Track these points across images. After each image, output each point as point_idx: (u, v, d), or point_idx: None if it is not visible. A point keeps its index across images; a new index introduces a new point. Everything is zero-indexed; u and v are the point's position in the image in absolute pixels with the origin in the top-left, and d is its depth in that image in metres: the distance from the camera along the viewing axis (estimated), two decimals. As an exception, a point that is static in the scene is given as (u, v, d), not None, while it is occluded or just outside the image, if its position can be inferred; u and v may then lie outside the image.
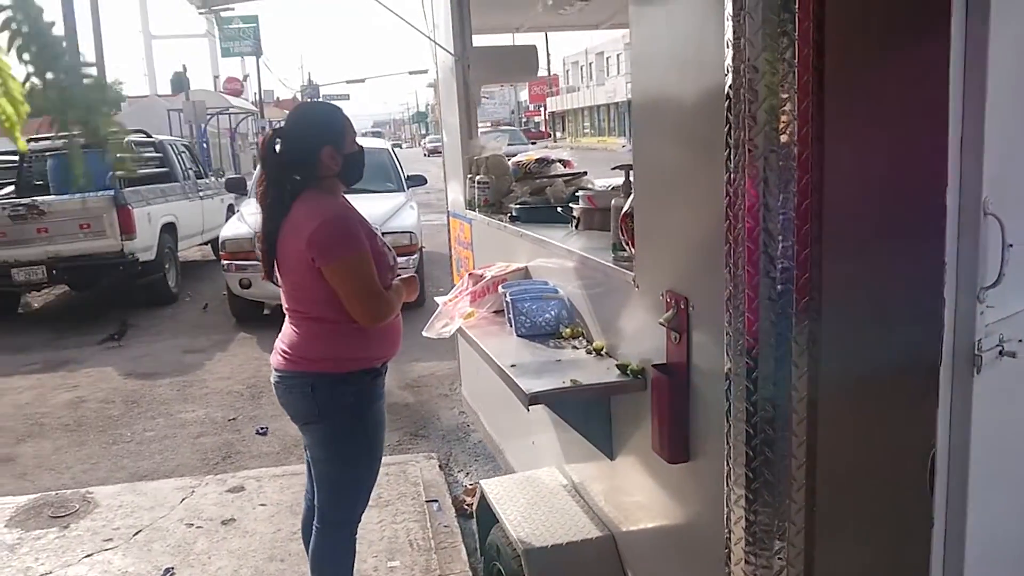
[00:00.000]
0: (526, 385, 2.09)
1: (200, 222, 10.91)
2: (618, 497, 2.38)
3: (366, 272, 2.43)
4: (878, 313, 1.51)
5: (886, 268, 1.48)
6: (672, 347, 1.87)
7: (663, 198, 1.93)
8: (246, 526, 3.82)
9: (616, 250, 2.28)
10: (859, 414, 1.56)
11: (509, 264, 3.08)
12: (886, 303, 1.48)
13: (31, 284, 8.66)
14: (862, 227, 1.52)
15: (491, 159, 3.89)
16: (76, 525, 3.92)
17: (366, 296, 2.44)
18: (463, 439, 4.94)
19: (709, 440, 1.78)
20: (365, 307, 2.45)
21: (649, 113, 2.01)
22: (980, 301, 1.24)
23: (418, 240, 8.05)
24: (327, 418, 2.56)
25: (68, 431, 5.43)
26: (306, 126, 2.58)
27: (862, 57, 1.48)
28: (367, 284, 2.43)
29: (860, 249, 1.52)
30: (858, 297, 1.53)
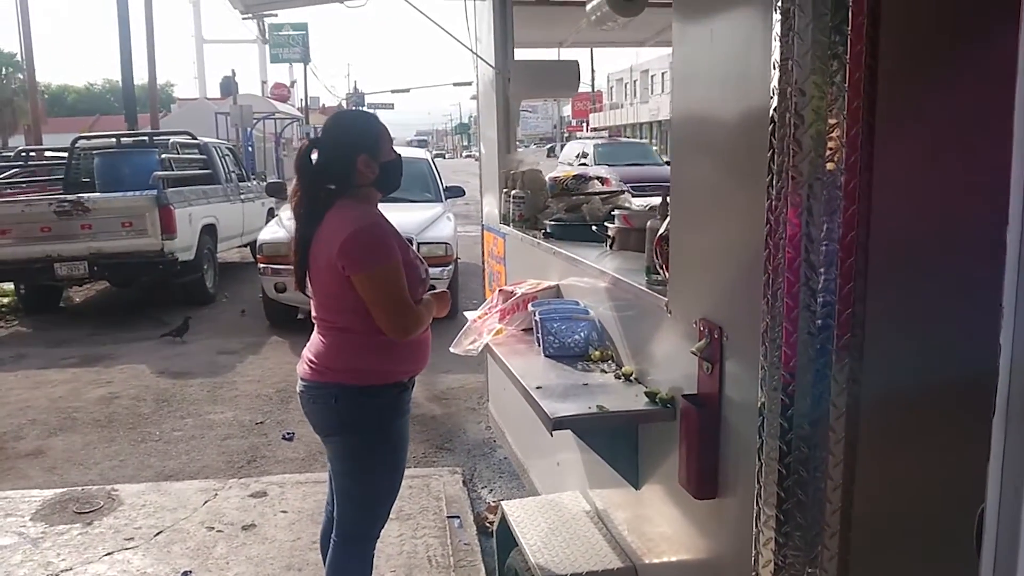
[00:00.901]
0: (551, 409, 2.02)
1: (240, 224, 11.03)
2: (642, 528, 2.30)
3: (397, 284, 2.40)
4: (925, 354, 1.43)
5: (936, 307, 1.39)
6: (704, 377, 1.80)
7: (700, 222, 1.86)
8: (266, 532, 3.80)
9: (650, 273, 2.21)
10: (901, 460, 1.47)
11: (540, 282, 3.03)
12: (934, 344, 1.40)
13: (73, 279, 8.80)
14: (911, 262, 1.43)
15: (528, 173, 3.85)
16: (99, 522, 3.94)
17: (395, 308, 2.40)
18: (488, 455, 4.88)
19: (739, 477, 1.70)
20: (393, 319, 2.41)
21: (689, 134, 1.94)
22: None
23: (454, 251, 8.04)
24: (349, 431, 2.53)
25: (99, 427, 5.47)
26: (342, 134, 2.56)
27: (918, 84, 1.40)
28: (397, 296, 2.40)
29: (908, 285, 1.44)
30: (904, 336, 1.45)
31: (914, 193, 1.43)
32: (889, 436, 1.48)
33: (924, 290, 1.44)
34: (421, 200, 8.99)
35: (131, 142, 10.60)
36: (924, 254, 1.44)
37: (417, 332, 2.48)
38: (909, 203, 1.43)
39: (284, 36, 38.40)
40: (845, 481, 1.49)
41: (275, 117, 30.83)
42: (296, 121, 33.71)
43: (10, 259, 8.51)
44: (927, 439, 1.47)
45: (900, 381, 1.47)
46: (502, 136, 4.03)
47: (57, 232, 8.46)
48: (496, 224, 4.09)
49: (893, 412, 1.47)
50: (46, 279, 8.71)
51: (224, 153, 11.38)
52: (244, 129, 24.81)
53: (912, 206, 1.44)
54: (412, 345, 2.54)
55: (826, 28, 1.40)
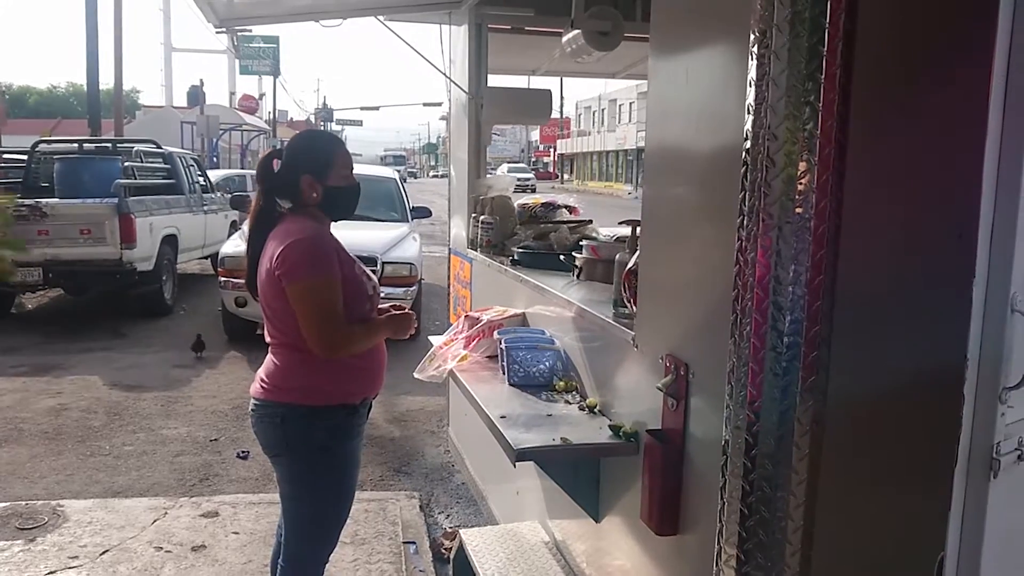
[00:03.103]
0: (515, 439, 2.01)
1: (202, 236, 10.87)
2: (601, 561, 2.29)
3: (327, 298, 2.34)
4: (890, 401, 1.45)
5: (901, 354, 1.42)
6: (668, 413, 1.80)
7: (670, 258, 1.88)
8: (216, 554, 3.71)
9: (617, 306, 2.22)
10: (863, 505, 1.49)
11: (506, 309, 3.03)
12: (899, 391, 1.42)
13: (26, 285, 8.60)
14: (876, 308, 1.46)
15: (497, 199, 3.86)
16: (43, 539, 3.81)
17: (321, 322, 2.34)
18: (446, 479, 4.83)
19: (701, 515, 1.70)
20: (318, 333, 2.34)
21: (661, 170, 1.96)
22: (1002, 402, 1.18)
23: (418, 272, 8.01)
24: (295, 452, 2.48)
25: (47, 439, 5.32)
26: (296, 150, 2.54)
27: (887, 133, 1.43)
28: (325, 310, 2.33)
29: (873, 331, 1.46)
30: (869, 381, 1.47)
31: (882, 239, 1.46)
32: (853, 481, 1.50)
33: (890, 336, 1.46)
34: (387, 219, 8.96)
35: (93, 148, 10.41)
36: (890, 300, 1.47)
37: (347, 351, 2.42)
38: (877, 249, 1.46)
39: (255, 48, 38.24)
40: (806, 523, 1.50)
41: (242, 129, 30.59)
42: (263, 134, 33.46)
43: (-39, 262, 8.29)
44: (889, 485, 1.49)
45: (865, 427, 1.49)
46: (473, 160, 4.04)
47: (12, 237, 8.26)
48: (464, 248, 4.09)
49: (858, 457, 1.49)
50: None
51: (188, 163, 11.24)
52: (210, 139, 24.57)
53: (880, 252, 1.46)
54: (363, 366, 2.50)
55: (800, 75, 1.43)
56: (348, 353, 2.42)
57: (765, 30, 1.44)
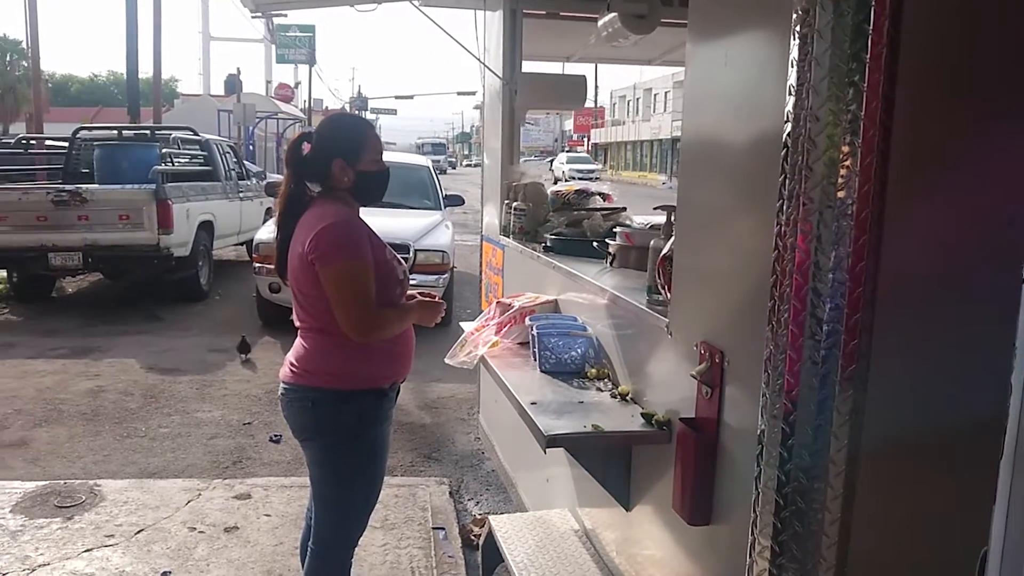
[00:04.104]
0: (545, 426, 2.00)
1: (237, 223, 10.99)
2: (631, 550, 2.27)
3: (361, 282, 2.34)
4: (932, 389, 1.41)
5: (944, 342, 1.37)
6: (703, 402, 1.77)
7: (706, 244, 1.84)
8: (248, 536, 3.76)
9: (651, 293, 2.19)
10: (902, 496, 1.45)
11: (538, 296, 3.01)
12: (941, 380, 1.38)
13: (67, 269, 8.75)
14: (920, 295, 1.42)
15: (530, 186, 3.83)
16: (80, 517, 3.88)
17: (354, 306, 2.34)
18: (476, 467, 4.84)
19: (734, 505, 1.67)
20: (351, 317, 2.34)
21: (699, 155, 1.93)
22: (1049, 391, 1.14)
23: (450, 260, 8.02)
24: (325, 436, 2.49)
25: (85, 420, 5.42)
26: (326, 133, 2.54)
27: (935, 115, 1.39)
28: (359, 294, 2.34)
29: (916, 319, 1.42)
30: (910, 370, 1.43)
31: (928, 225, 1.41)
32: (891, 471, 1.46)
33: (933, 324, 1.42)
34: (420, 207, 8.98)
35: (132, 135, 10.55)
36: (934, 288, 1.42)
37: (379, 335, 2.42)
38: (921, 235, 1.42)
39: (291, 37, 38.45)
40: (843, 515, 1.47)
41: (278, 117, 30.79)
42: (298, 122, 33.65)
43: (4, 247, 8.46)
44: (930, 476, 1.45)
45: (904, 415, 1.45)
46: (506, 148, 4.02)
47: (53, 222, 8.41)
48: (496, 235, 4.07)
49: (896, 447, 1.45)
50: (39, 268, 8.65)
51: (225, 151, 11.35)
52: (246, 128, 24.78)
53: (924, 238, 1.42)
54: (392, 350, 2.50)
55: (844, 55, 1.38)
56: (380, 337, 2.42)
57: (808, 8, 1.40)
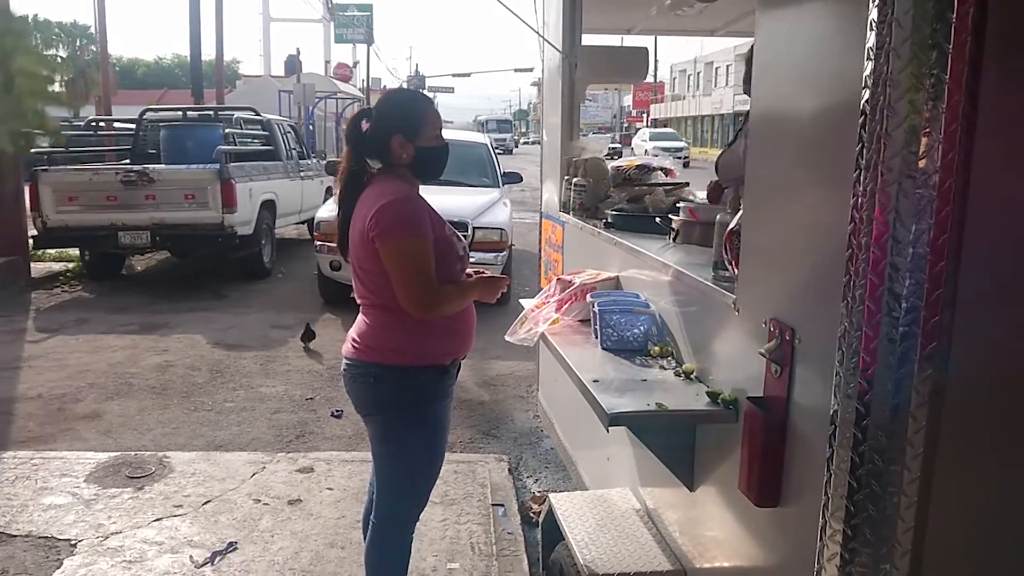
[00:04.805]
0: (608, 404, 1.96)
1: (299, 201, 11.14)
2: (695, 531, 2.23)
3: (421, 258, 2.34)
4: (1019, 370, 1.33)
5: (1034, 320, 1.30)
6: (771, 380, 1.72)
7: (776, 217, 1.77)
8: (311, 508, 3.82)
9: (717, 269, 2.13)
10: (983, 480, 1.38)
11: (600, 272, 2.96)
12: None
13: (135, 248, 9.00)
14: (1006, 270, 1.34)
15: (590, 162, 3.77)
16: (150, 488, 4.00)
17: (415, 282, 2.34)
18: (535, 444, 4.84)
19: (804, 487, 1.62)
20: (412, 294, 2.35)
21: (769, 124, 1.85)
22: None
23: (508, 237, 8.00)
24: (387, 411, 2.51)
25: (154, 393, 5.58)
26: (385, 110, 2.53)
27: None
28: (419, 270, 2.34)
29: (1001, 295, 1.34)
30: (994, 348, 1.36)
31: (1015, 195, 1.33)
32: (972, 454, 1.39)
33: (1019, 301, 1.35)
34: (478, 185, 8.97)
35: (196, 116, 10.77)
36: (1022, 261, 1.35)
37: (439, 311, 2.42)
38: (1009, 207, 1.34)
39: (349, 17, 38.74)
40: (921, 499, 1.41)
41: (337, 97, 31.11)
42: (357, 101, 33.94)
43: (76, 226, 8.74)
44: (1014, 460, 1.38)
45: (987, 396, 1.38)
46: (566, 123, 3.96)
47: (122, 201, 8.65)
48: (555, 212, 4.03)
49: (978, 428, 1.38)
50: (110, 247, 8.92)
51: (286, 130, 11.50)
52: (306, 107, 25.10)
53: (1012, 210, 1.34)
54: (454, 327, 2.50)
55: (928, 15, 1.31)
56: (441, 314, 2.42)
57: (889, -34, 1.33)
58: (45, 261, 9.90)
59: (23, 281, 8.90)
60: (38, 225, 8.77)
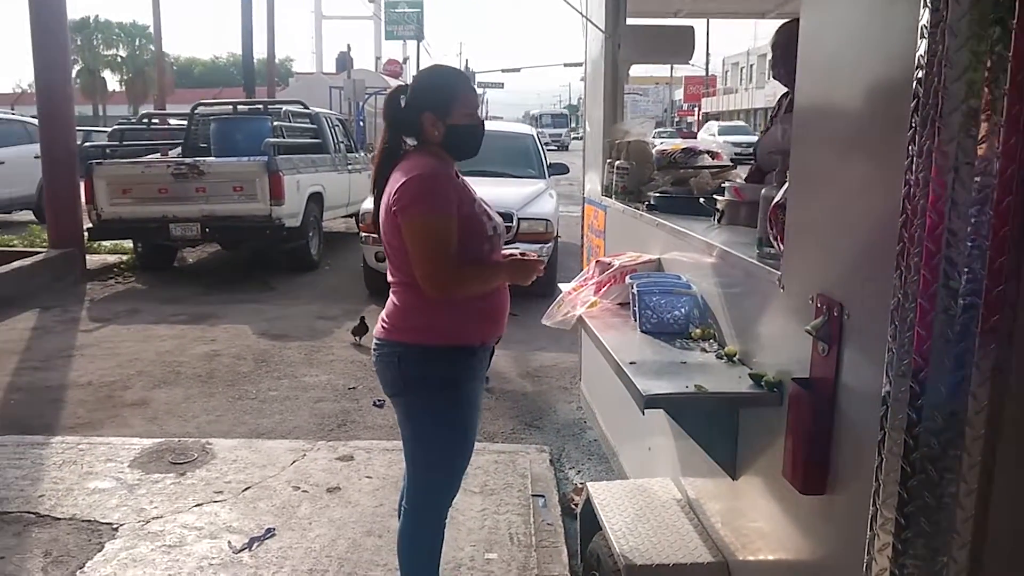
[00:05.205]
0: (643, 386, 1.87)
1: (346, 194, 11.19)
2: (737, 521, 2.13)
3: (439, 235, 2.27)
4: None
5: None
6: (818, 359, 1.61)
7: (824, 187, 1.66)
8: (350, 496, 3.80)
9: (761, 246, 2.02)
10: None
11: (640, 254, 2.87)
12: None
13: (186, 240, 9.12)
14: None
15: (634, 144, 3.67)
16: (192, 474, 4.02)
17: (432, 259, 2.27)
18: (577, 435, 4.75)
19: (854, 473, 1.51)
20: (428, 271, 2.28)
21: (815, 95, 1.74)
22: None
23: (554, 228, 7.91)
24: (411, 392, 2.46)
25: (200, 382, 5.63)
26: (416, 87, 2.48)
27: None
28: (436, 247, 2.26)
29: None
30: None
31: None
32: (1040, 437, 1.28)
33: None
34: (523, 176, 8.89)
35: (246, 109, 10.89)
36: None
37: (458, 291, 2.35)
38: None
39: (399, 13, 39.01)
40: (981, 485, 1.30)
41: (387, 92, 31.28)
42: (406, 97, 34.07)
43: (129, 218, 8.91)
44: (1089, 443, 1.26)
45: (1058, 374, 1.26)
46: (608, 105, 3.86)
47: (173, 194, 8.78)
48: (597, 197, 3.94)
49: (1047, 409, 1.27)
50: (161, 238, 9.06)
51: (334, 124, 11.56)
52: (356, 103, 25.28)
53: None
54: (482, 308, 2.43)
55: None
56: (460, 294, 2.36)
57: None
58: (100, 253, 10.11)
59: (79, 272, 9.09)
60: (93, 218, 8.95)
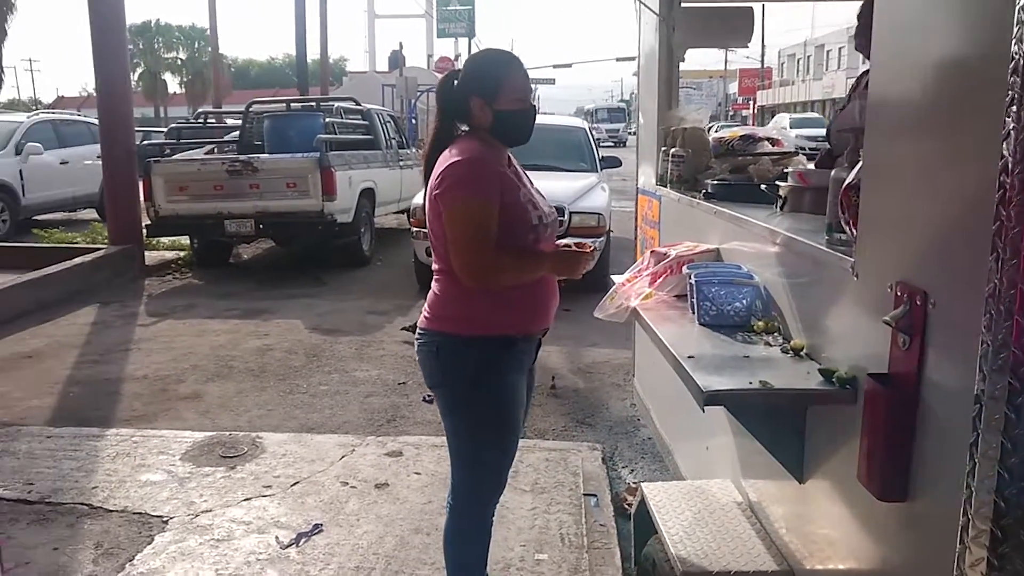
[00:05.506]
0: (704, 382, 1.75)
1: (398, 190, 11.19)
2: (805, 527, 1.99)
3: (476, 222, 2.17)
4: None
5: None
6: (898, 353, 1.47)
7: (905, 165, 1.51)
8: (398, 493, 3.73)
9: (831, 232, 1.88)
10: None
11: (697, 244, 2.73)
12: None
13: (241, 236, 9.21)
14: None
15: (689, 131, 3.53)
16: (242, 467, 4.00)
17: (467, 247, 2.18)
18: (631, 433, 4.62)
19: (940, 479, 1.37)
20: (464, 259, 2.20)
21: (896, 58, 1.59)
22: None
23: (606, 223, 7.77)
24: (447, 383, 2.38)
25: (252, 376, 5.64)
26: (468, 70, 2.39)
27: None
28: (473, 233, 2.17)
29: None
30: None
31: None
32: None
33: None
34: (575, 169, 8.76)
35: (299, 107, 10.96)
36: None
37: (495, 281, 2.25)
38: None
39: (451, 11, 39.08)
40: (1092, 495, 1.15)
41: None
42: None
43: (186, 214, 9.02)
44: None
45: None
46: (663, 91, 3.72)
47: (228, 190, 8.86)
48: (651, 187, 3.80)
49: None
50: (217, 235, 9.16)
51: (385, 120, 11.57)
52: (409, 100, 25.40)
53: None
54: (523, 298, 2.33)
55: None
56: (497, 284, 2.27)
57: None
58: (159, 250, 10.27)
59: (138, 268, 9.25)
60: (151, 214, 9.10)
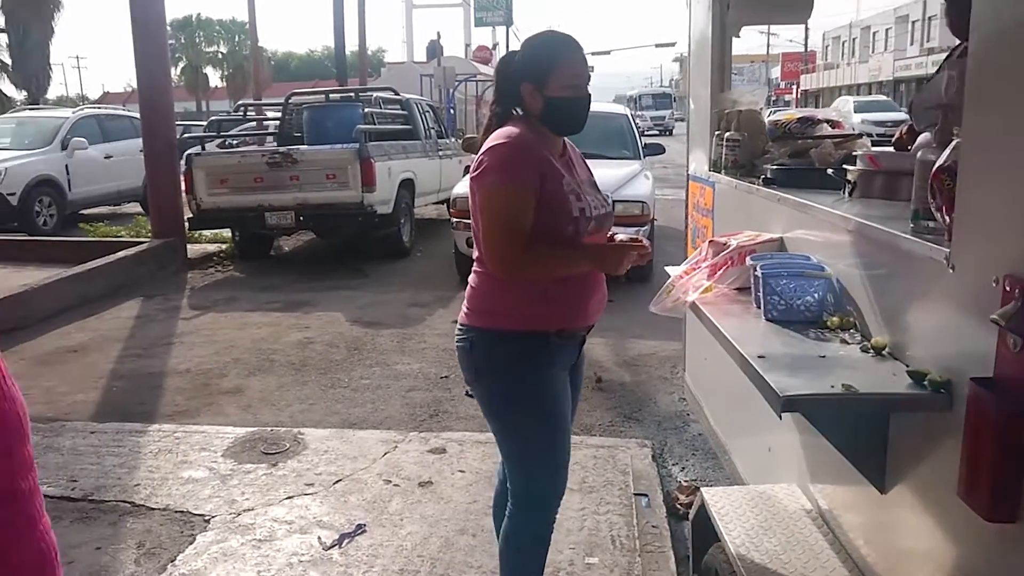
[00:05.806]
0: (780, 385, 1.59)
1: (437, 180, 11.10)
2: (888, 541, 1.83)
3: (509, 209, 2.07)
4: None
5: None
6: (1007, 356, 1.31)
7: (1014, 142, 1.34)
8: (442, 492, 3.63)
9: (918, 219, 1.71)
10: None
11: (759, 234, 2.57)
12: None
13: (281, 228, 9.19)
14: None
15: (744, 114, 3.35)
16: (284, 464, 3.94)
17: (499, 236, 2.08)
18: (681, 429, 4.46)
19: (1062, 499, 1.21)
20: (493, 247, 2.10)
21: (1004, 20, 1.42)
22: None
23: (650, 211, 7.59)
24: (484, 380, 2.28)
25: (294, 370, 5.58)
26: (521, 55, 2.27)
27: None
28: (506, 223, 2.07)
29: None
30: None
31: None
32: None
33: None
34: (618, 157, 8.58)
35: (338, 98, 10.91)
36: None
37: (528, 272, 2.15)
38: None
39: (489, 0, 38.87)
40: None
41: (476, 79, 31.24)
42: (496, 83, 33.94)
43: (227, 207, 9.02)
44: None
45: None
46: (716, 72, 3.55)
47: (269, 183, 8.84)
48: (704, 173, 3.63)
49: None
50: (257, 227, 9.15)
51: (424, 110, 11.47)
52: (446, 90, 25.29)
53: None
54: (560, 292, 2.21)
55: None
56: (530, 276, 2.16)
57: None
58: (201, 243, 10.31)
59: (180, 261, 9.28)
60: (193, 208, 9.12)
